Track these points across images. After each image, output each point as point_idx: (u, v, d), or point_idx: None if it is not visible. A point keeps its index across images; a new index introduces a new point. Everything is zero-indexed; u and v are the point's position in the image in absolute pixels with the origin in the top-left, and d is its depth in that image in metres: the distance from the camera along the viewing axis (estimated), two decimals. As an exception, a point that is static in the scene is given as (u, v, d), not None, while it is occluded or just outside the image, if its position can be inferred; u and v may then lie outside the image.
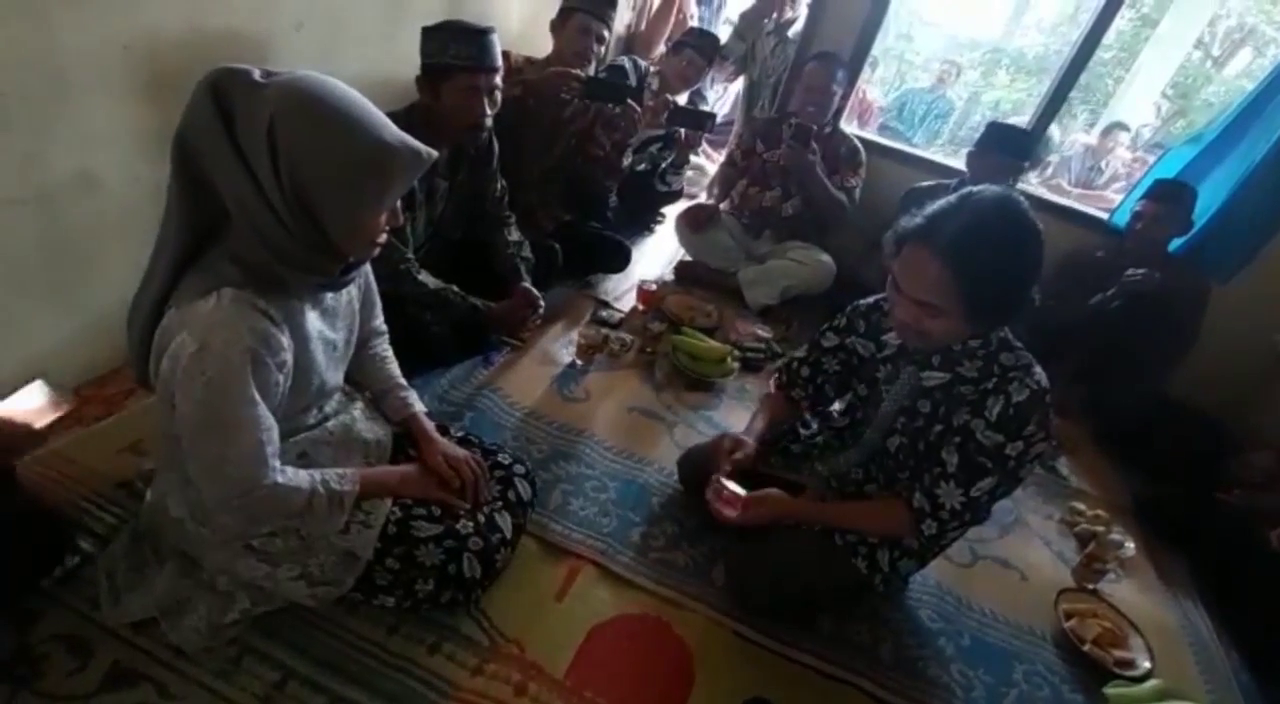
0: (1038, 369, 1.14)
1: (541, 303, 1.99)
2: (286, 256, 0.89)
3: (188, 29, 1.38)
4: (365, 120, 0.85)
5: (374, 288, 1.25)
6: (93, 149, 1.31)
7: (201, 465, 0.91)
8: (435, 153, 0.90)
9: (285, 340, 0.92)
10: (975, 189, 1.09)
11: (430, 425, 1.31)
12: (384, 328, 1.32)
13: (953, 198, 1.08)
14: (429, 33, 1.57)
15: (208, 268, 0.89)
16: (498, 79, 1.64)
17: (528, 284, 1.98)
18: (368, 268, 1.19)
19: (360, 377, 1.32)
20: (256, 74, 0.83)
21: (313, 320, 1.01)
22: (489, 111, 1.65)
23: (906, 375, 1.26)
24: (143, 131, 1.38)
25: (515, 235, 2.03)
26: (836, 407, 1.52)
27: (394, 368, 1.34)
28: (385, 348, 1.33)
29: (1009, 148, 2.41)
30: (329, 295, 1.05)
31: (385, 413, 1.32)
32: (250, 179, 0.83)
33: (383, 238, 0.96)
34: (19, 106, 1.17)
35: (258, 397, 0.90)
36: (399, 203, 0.95)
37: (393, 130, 0.87)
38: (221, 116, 0.82)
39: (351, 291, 1.11)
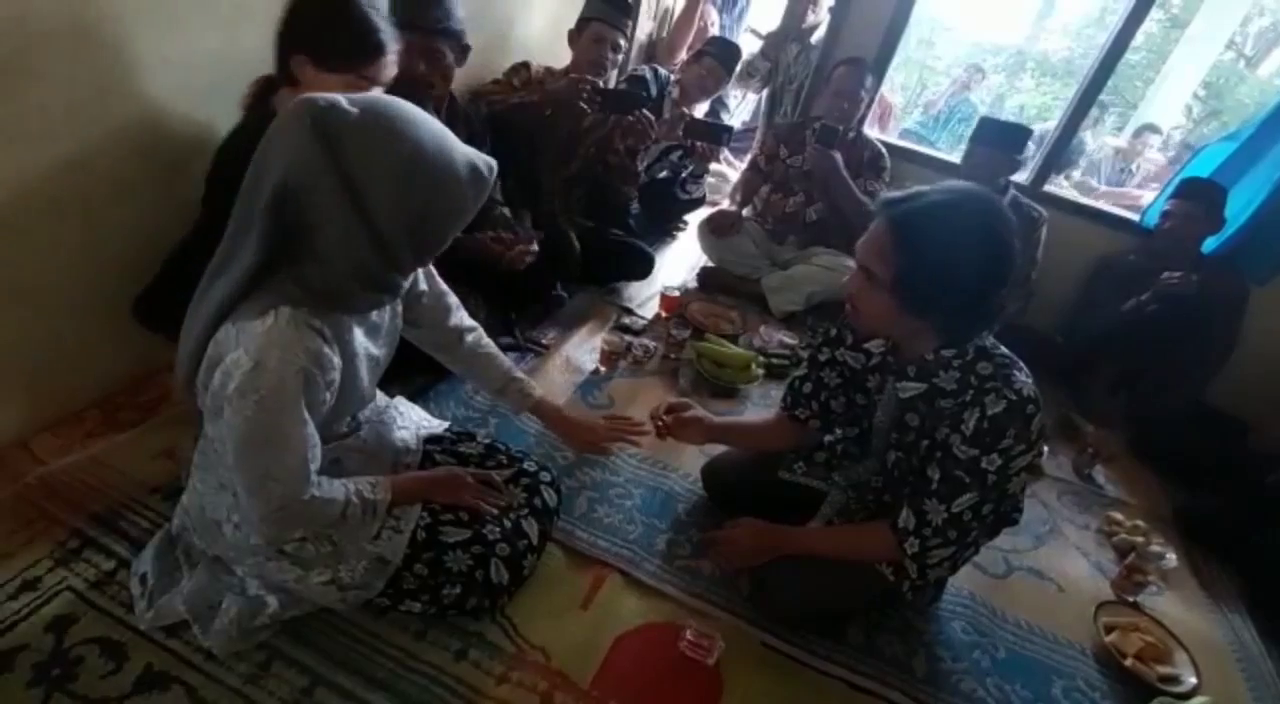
0: (1019, 377, 1.08)
1: (512, 238, 1.84)
2: (368, 279, 0.91)
3: (223, 42, 1.41)
4: (456, 146, 0.89)
5: (444, 290, 1.27)
6: (130, 158, 1.34)
7: (246, 479, 0.92)
8: (495, 162, 0.93)
9: (336, 359, 0.93)
10: (962, 182, 1.08)
11: (559, 405, 1.43)
12: (473, 322, 1.34)
13: (941, 184, 1.07)
14: None
15: (270, 287, 0.89)
16: (440, 50, 1.59)
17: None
18: (433, 270, 1.24)
19: (472, 376, 1.38)
20: (345, 103, 0.83)
21: (359, 337, 1.02)
22: (430, 74, 1.60)
23: (889, 388, 1.23)
24: (177, 142, 1.41)
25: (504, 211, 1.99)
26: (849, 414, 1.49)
27: (504, 360, 1.38)
28: (487, 343, 1.36)
29: (1002, 141, 2.34)
30: (373, 312, 1.05)
31: (506, 406, 1.40)
32: (356, 211, 0.84)
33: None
34: (64, 117, 1.21)
35: (307, 416, 0.91)
36: None
37: (461, 145, 0.90)
38: (331, 153, 0.82)
39: (396, 306, 1.12)
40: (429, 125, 0.87)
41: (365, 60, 1.21)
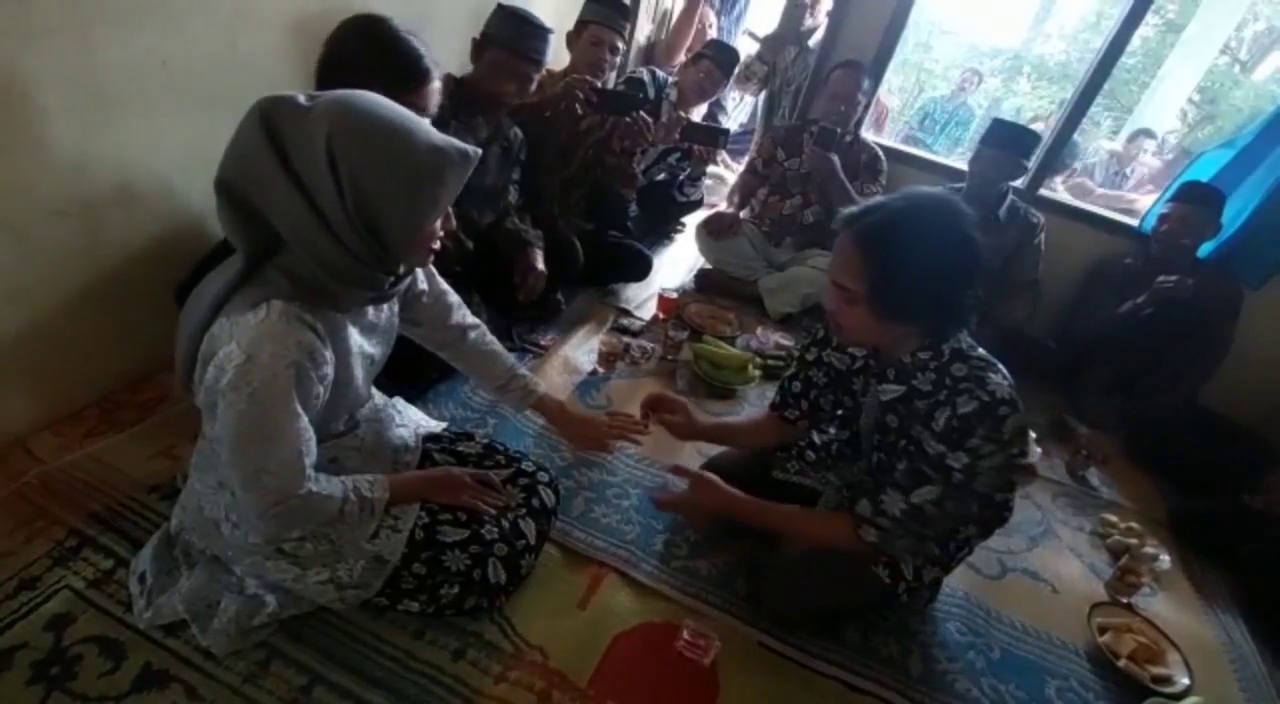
0: (993, 378, 1.08)
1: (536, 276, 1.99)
2: (342, 274, 0.90)
3: (223, 46, 1.42)
4: (415, 128, 0.86)
5: (444, 289, 1.27)
6: (131, 163, 1.34)
7: (241, 473, 0.92)
8: (480, 151, 0.91)
9: (328, 354, 0.93)
10: (918, 188, 1.11)
11: (561, 402, 1.42)
12: (475, 320, 1.34)
13: (896, 193, 1.10)
14: (499, 8, 1.73)
15: (261, 281, 0.90)
16: (533, 73, 1.76)
17: (535, 256, 2.01)
18: (433, 270, 1.24)
19: (475, 374, 1.37)
20: (302, 98, 0.84)
21: (354, 335, 1.02)
22: (514, 92, 1.77)
23: (872, 390, 1.25)
24: (178, 145, 1.41)
25: (523, 225, 2.08)
26: (839, 413, 1.51)
27: (507, 357, 1.37)
28: (490, 340, 1.36)
29: (1011, 144, 2.36)
30: (370, 311, 1.06)
31: (509, 404, 1.41)
32: (307, 204, 0.84)
33: (436, 244, 0.97)
34: (63, 120, 1.21)
35: (300, 409, 0.91)
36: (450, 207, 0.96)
37: (439, 134, 0.89)
38: (274, 146, 0.82)
39: (394, 306, 1.13)
40: (391, 118, 0.85)
41: (412, 88, 1.23)
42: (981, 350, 1.16)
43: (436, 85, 1.28)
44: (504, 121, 1.90)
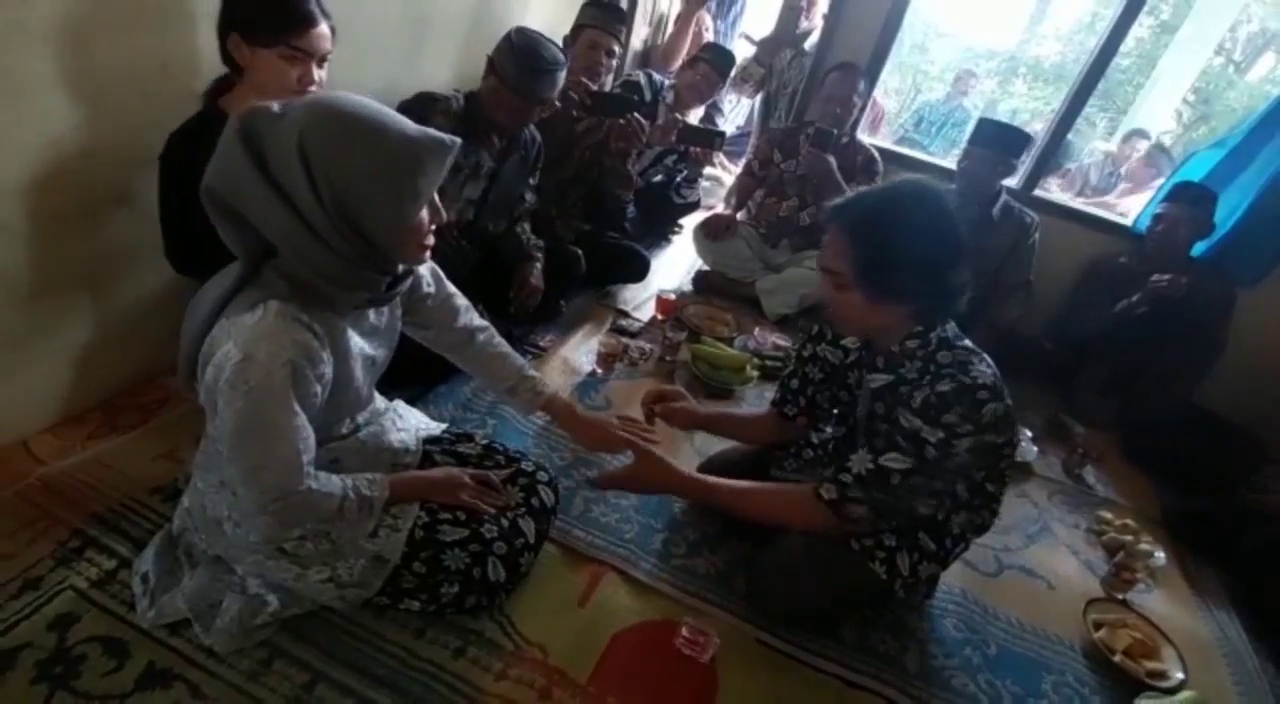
0: (977, 366, 1.13)
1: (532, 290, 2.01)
2: (334, 277, 0.91)
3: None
4: (386, 119, 0.87)
5: (451, 292, 1.28)
6: (131, 167, 1.35)
7: (240, 471, 0.93)
8: (459, 140, 0.92)
9: (326, 354, 0.95)
10: (902, 178, 1.17)
11: (571, 403, 1.39)
12: (483, 322, 1.34)
13: (879, 184, 1.15)
14: (509, 41, 1.70)
15: (259, 283, 0.92)
16: (536, 109, 1.77)
17: (533, 271, 2.02)
18: (440, 273, 1.24)
19: (484, 376, 1.37)
20: (276, 107, 0.86)
21: (354, 337, 1.04)
22: (512, 125, 1.78)
23: (864, 381, 1.28)
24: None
25: (530, 235, 2.10)
26: (835, 411, 1.52)
27: (516, 359, 1.36)
28: (499, 342, 1.35)
29: (999, 143, 2.37)
30: (371, 313, 1.07)
31: (518, 406, 1.39)
32: (289, 209, 0.85)
33: (430, 239, 0.98)
34: (65, 122, 1.22)
35: (297, 407, 0.92)
36: (437, 198, 0.96)
37: (412, 124, 0.89)
38: (252, 155, 0.84)
39: (395, 308, 1.14)
40: (362, 114, 0.86)
41: (293, 30, 1.23)
42: (968, 341, 1.19)
43: (323, 29, 1.26)
44: (516, 138, 1.90)
